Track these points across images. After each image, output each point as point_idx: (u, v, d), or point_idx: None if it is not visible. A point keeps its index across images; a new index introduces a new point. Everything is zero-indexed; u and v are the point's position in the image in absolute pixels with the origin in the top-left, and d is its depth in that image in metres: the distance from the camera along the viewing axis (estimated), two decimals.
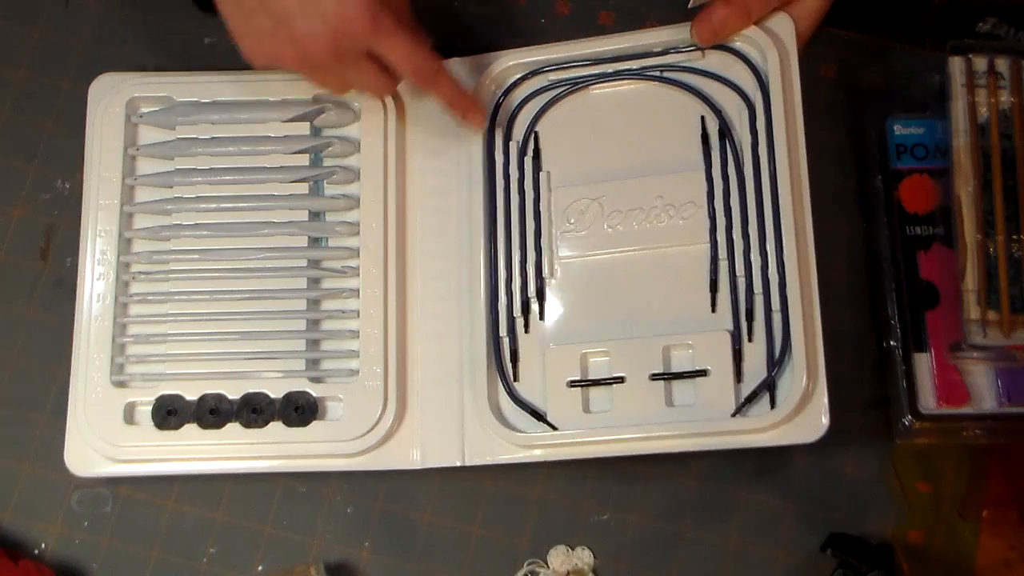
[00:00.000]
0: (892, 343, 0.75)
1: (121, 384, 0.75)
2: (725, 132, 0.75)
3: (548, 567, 0.74)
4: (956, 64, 0.75)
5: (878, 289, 0.77)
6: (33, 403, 0.77)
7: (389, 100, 0.78)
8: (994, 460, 0.74)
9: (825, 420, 0.69)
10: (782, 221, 0.72)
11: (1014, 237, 0.73)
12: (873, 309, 0.77)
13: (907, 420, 0.74)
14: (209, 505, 0.76)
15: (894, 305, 0.75)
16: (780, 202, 0.72)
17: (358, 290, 0.75)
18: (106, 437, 0.73)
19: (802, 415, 0.70)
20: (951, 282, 0.73)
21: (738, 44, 0.76)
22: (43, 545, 0.75)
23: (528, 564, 0.74)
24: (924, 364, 0.74)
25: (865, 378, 0.76)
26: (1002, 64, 0.75)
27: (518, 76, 0.78)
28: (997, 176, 0.73)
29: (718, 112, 0.76)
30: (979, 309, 0.72)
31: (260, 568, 0.75)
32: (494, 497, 0.75)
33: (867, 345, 0.77)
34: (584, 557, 0.74)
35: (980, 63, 0.75)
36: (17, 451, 0.77)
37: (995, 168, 0.74)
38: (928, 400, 0.73)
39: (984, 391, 0.73)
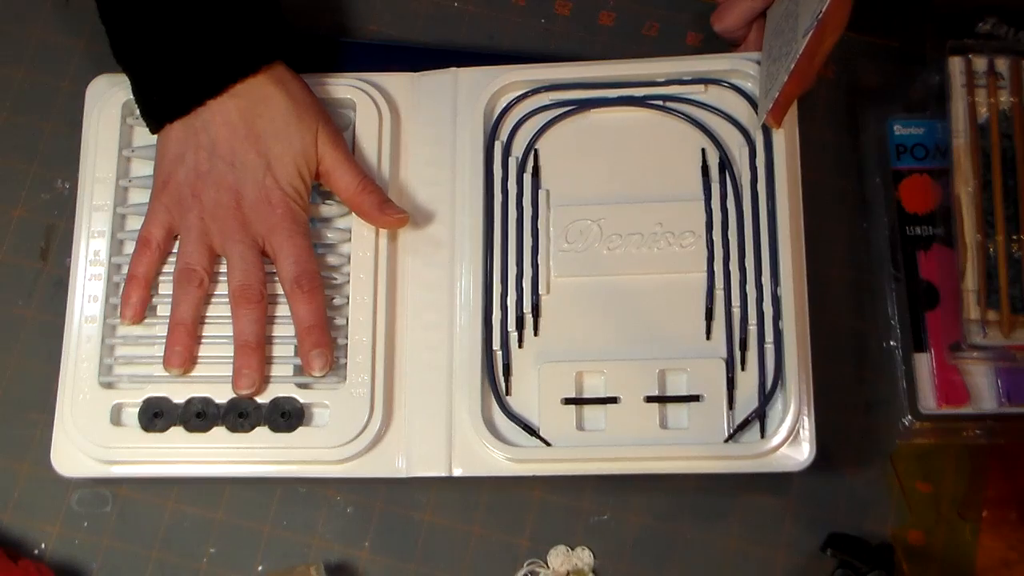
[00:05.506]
0: (892, 343, 0.75)
1: (109, 385, 0.74)
2: (725, 165, 0.75)
3: (548, 567, 0.74)
4: (956, 64, 0.75)
5: (878, 289, 0.77)
6: (33, 403, 0.77)
7: (383, 104, 0.78)
8: (994, 460, 0.74)
9: (809, 453, 0.70)
10: (780, 259, 0.73)
11: (1014, 237, 0.73)
12: (873, 309, 0.77)
13: (907, 420, 0.74)
14: (209, 505, 0.76)
15: (894, 305, 0.76)
16: (779, 242, 0.73)
17: (348, 297, 0.75)
18: (92, 438, 0.73)
19: (790, 446, 0.71)
20: (951, 282, 0.73)
21: (747, 85, 0.76)
22: (43, 545, 0.75)
23: (528, 564, 0.74)
24: (924, 364, 0.74)
25: (865, 378, 0.76)
26: (1002, 64, 0.75)
27: (520, 92, 0.78)
28: (997, 176, 0.74)
29: (719, 145, 0.76)
30: (979, 309, 0.72)
31: (260, 568, 0.75)
32: (494, 497, 0.75)
33: (867, 345, 0.76)
34: (584, 557, 0.74)
35: (980, 63, 0.75)
36: (17, 451, 0.77)
37: (995, 168, 0.74)
38: (928, 400, 0.74)
39: (984, 391, 0.74)
